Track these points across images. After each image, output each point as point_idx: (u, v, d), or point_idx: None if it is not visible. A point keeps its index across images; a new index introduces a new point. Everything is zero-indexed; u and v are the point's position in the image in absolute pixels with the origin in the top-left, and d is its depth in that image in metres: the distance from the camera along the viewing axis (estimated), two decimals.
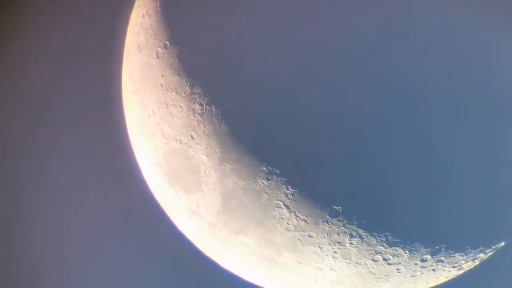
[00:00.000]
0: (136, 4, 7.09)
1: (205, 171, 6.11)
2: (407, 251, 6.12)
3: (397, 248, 6.07)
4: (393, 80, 5.43)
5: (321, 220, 5.90)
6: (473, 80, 5.60)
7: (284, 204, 5.90)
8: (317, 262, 6.30)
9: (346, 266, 6.28)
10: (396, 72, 5.43)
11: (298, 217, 5.94)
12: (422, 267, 6.40)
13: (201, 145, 6.03)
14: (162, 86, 6.25)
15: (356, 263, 6.24)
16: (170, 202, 6.97)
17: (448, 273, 6.77)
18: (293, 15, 5.53)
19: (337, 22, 5.46)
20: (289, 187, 5.78)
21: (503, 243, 6.71)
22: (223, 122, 5.83)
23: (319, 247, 6.12)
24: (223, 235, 6.54)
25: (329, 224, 5.91)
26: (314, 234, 6.03)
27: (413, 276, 6.57)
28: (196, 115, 5.98)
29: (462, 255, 6.43)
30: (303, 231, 6.03)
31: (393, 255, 6.15)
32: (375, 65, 5.42)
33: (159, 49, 6.27)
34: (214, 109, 5.86)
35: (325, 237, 6.03)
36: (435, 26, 5.50)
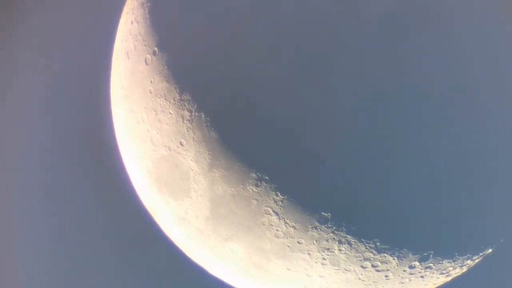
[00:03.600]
0: (125, 10, 7.09)
1: (194, 177, 6.10)
2: (395, 258, 6.13)
3: (385, 254, 6.08)
4: (389, 83, 5.47)
5: (310, 226, 5.90)
6: (473, 80, 5.65)
7: (273, 211, 5.90)
8: (306, 269, 6.29)
9: (335, 272, 6.28)
10: (393, 74, 5.46)
11: (287, 223, 5.93)
12: (411, 273, 6.41)
13: (190, 152, 6.02)
14: (151, 93, 6.24)
15: (345, 269, 6.24)
16: (158, 209, 6.94)
17: (436, 279, 6.79)
18: (287, 16, 5.54)
19: (337, 21, 5.49)
20: (279, 193, 5.78)
21: (490, 250, 6.73)
22: (212, 128, 5.82)
23: (308, 254, 6.12)
24: (212, 242, 6.51)
25: (318, 230, 5.91)
26: (303, 241, 6.02)
27: (402, 283, 6.58)
28: (185, 121, 5.97)
29: (450, 262, 6.46)
30: (292, 237, 6.02)
31: (382, 262, 6.15)
32: (374, 65, 5.44)
33: (148, 56, 6.27)
34: (203, 115, 5.85)
35: (314, 244, 6.02)
36: (437, 23, 5.55)
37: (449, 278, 6.98)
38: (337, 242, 5.98)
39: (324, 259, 6.14)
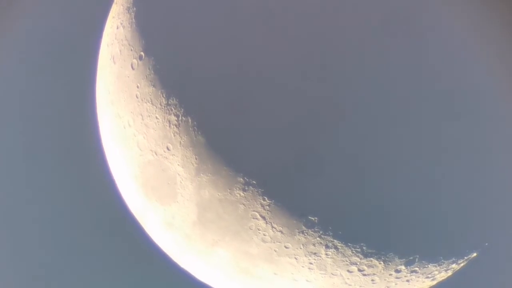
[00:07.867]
0: (110, 15, 7.07)
1: (181, 182, 6.08)
2: (381, 262, 6.15)
3: (372, 258, 6.10)
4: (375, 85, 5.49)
5: (297, 231, 5.90)
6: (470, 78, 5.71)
7: (261, 215, 5.90)
8: (292, 273, 6.29)
9: (322, 277, 6.29)
10: (392, 72, 5.49)
11: (274, 228, 5.93)
12: (397, 277, 6.44)
13: (177, 156, 6.00)
14: (137, 97, 6.22)
15: (332, 274, 6.24)
16: (145, 214, 6.91)
17: (422, 283, 6.82)
18: (277, 17, 5.55)
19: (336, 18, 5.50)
20: (266, 198, 5.78)
21: (475, 254, 6.77)
22: (199, 133, 5.81)
23: (295, 258, 6.12)
24: (199, 247, 6.49)
25: (305, 235, 5.92)
26: (290, 245, 6.03)
27: (388, 287, 6.60)
28: (172, 126, 5.96)
29: (435, 266, 6.49)
30: (279, 242, 6.02)
31: (368, 266, 6.17)
32: (372, 63, 5.46)
33: (134, 60, 6.25)
34: (190, 120, 5.84)
35: (301, 248, 6.03)
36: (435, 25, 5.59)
37: (435, 282, 7.02)
38: (324, 247, 5.99)
39: (311, 263, 6.14)
